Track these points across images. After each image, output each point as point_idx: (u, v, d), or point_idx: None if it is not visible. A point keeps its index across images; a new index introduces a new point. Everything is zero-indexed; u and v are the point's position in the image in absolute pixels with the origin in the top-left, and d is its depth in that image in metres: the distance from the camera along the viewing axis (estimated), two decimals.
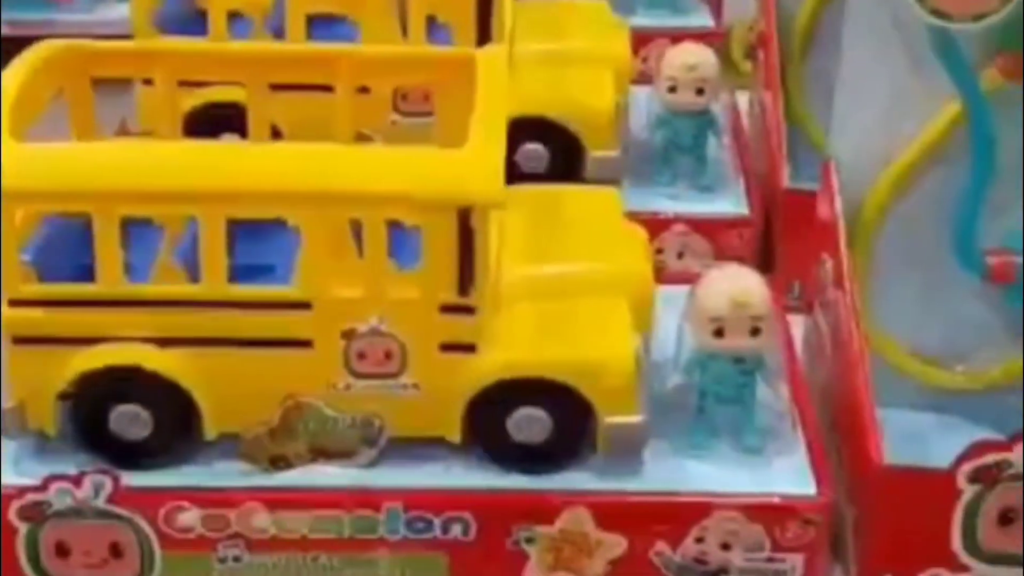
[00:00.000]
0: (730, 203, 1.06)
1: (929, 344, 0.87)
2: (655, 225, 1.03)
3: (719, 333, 0.80)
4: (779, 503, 0.78)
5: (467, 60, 0.86)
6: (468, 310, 0.77)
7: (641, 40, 1.22)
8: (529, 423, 0.79)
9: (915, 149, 0.85)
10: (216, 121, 0.97)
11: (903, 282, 0.86)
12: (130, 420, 0.78)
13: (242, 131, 0.91)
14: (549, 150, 1.04)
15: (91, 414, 0.78)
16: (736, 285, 0.80)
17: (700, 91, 1.05)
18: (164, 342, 0.77)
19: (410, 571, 0.78)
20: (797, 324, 0.95)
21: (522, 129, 1.02)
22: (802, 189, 1.01)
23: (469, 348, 0.78)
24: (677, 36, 1.18)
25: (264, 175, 0.77)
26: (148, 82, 0.91)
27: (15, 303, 0.77)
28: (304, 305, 0.77)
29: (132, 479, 0.77)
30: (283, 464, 0.79)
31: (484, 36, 1.01)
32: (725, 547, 0.78)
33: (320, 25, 1.03)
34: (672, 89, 1.05)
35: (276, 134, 0.96)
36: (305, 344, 0.78)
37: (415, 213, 0.77)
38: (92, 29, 1.10)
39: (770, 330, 0.81)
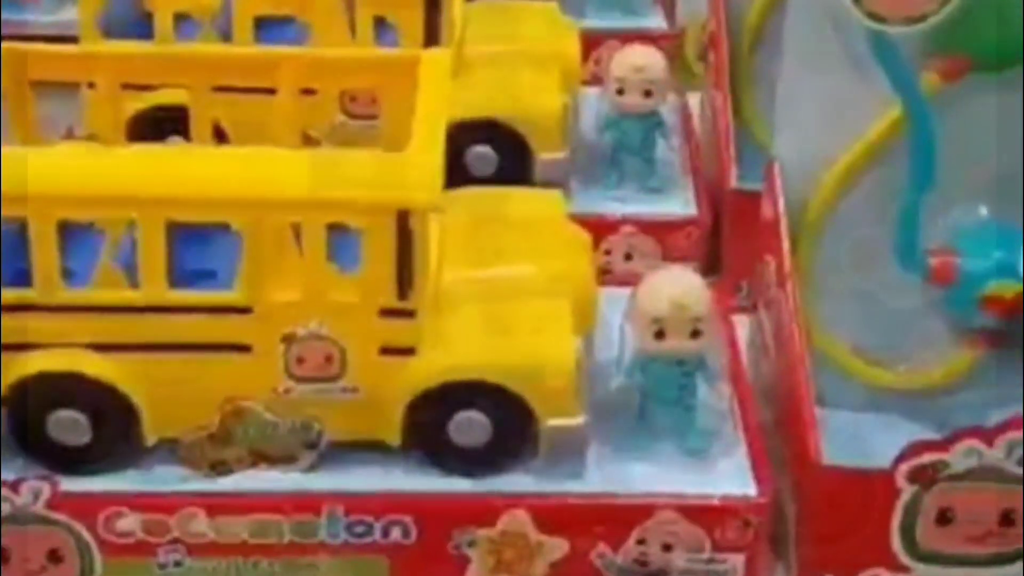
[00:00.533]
0: (678, 204, 1.07)
1: (871, 344, 0.87)
2: (603, 227, 1.03)
3: (660, 335, 0.80)
4: (719, 504, 0.78)
5: (412, 62, 0.86)
6: (407, 314, 0.77)
7: (594, 42, 1.22)
8: (469, 426, 0.79)
9: (858, 150, 0.85)
10: (162, 124, 0.97)
11: (846, 282, 0.87)
12: (69, 426, 0.78)
13: (189, 134, 0.91)
14: (498, 153, 1.04)
15: (30, 420, 0.78)
16: (676, 287, 0.81)
17: (648, 93, 1.05)
18: (103, 347, 0.77)
19: (351, 575, 0.78)
20: (746, 325, 0.95)
21: (470, 132, 1.03)
22: (750, 190, 1.02)
23: (408, 352, 0.78)
24: (630, 38, 1.18)
25: (202, 179, 0.77)
26: (92, 85, 0.91)
27: None
28: (244, 310, 0.77)
29: (71, 484, 0.77)
30: (223, 469, 0.79)
31: (432, 38, 1.01)
32: (667, 548, 0.79)
33: (271, 27, 1.03)
34: (620, 91, 1.05)
35: (222, 137, 0.96)
36: (245, 349, 0.78)
37: (354, 217, 0.77)
38: (64, 30, 1.09)
39: (711, 332, 0.81)
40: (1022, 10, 0.79)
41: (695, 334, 0.80)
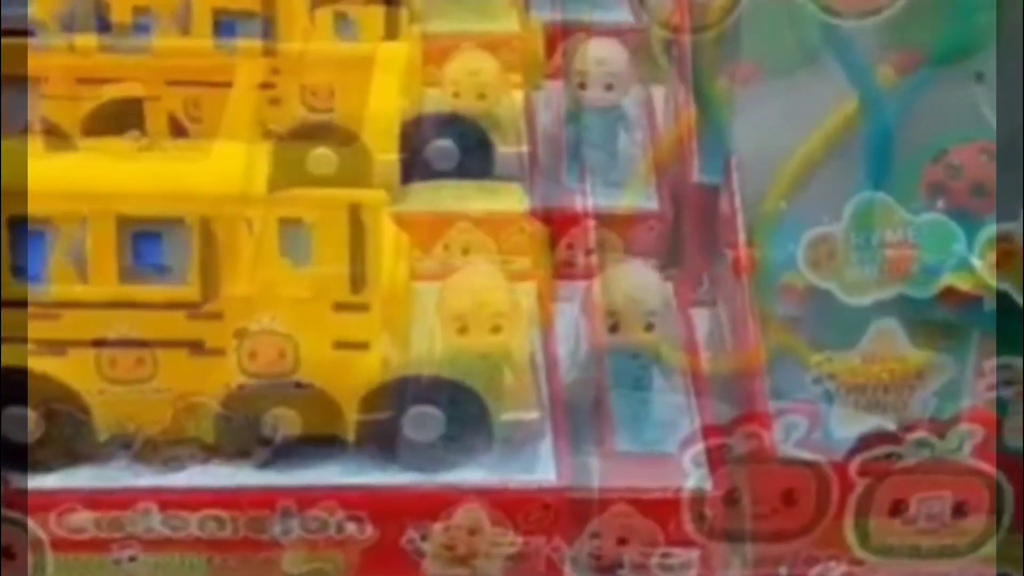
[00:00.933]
0: (640, 198, 1.06)
1: (828, 336, 0.87)
2: (565, 220, 1.03)
3: (614, 328, 0.80)
4: (673, 497, 0.78)
5: (368, 56, 0.86)
6: (361, 308, 0.77)
7: (561, 35, 1.22)
8: (423, 421, 0.79)
9: (814, 142, 0.85)
10: (122, 118, 0.96)
11: (802, 276, 0.87)
12: (20, 422, 0.78)
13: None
14: (459, 146, 1.04)
15: None
16: (631, 280, 0.81)
17: (609, 86, 1.05)
18: (54, 344, 0.77)
19: (306, 570, 0.78)
20: (706, 318, 0.95)
21: (432, 126, 1.03)
22: (711, 183, 1.02)
23: (362, 346, 0.78)
24: (596, 31, 1.18)
25: (154, 174, 0.77)
26: (48, 79, 0.90)
27: None
28: (196, 305, 0.77)
29: (23, 481, 0.77)
30: (176, 465, 0.79)
31: (392, 33, 1.01)
32: (621, 542, 0.79)
33: (233, 22, 1.03)
34: (582, 85, 1.05)
35: (181, 131, 0.96)
36: (197, 344, 0.77)
37: (306, 211, 0.77)
38: (21, 24, 1.09)
39: (667, 325, 0.82)
40: (975, 3, 0.80)
41: (649, 327, 0.80)
